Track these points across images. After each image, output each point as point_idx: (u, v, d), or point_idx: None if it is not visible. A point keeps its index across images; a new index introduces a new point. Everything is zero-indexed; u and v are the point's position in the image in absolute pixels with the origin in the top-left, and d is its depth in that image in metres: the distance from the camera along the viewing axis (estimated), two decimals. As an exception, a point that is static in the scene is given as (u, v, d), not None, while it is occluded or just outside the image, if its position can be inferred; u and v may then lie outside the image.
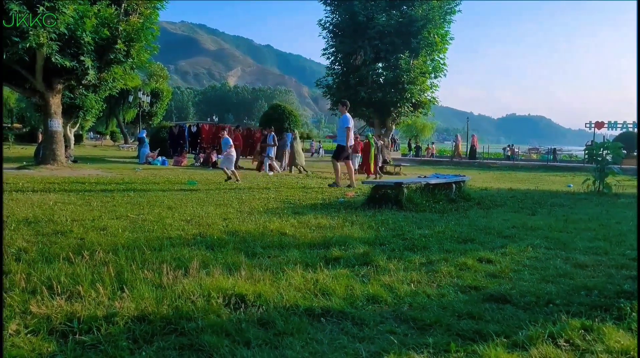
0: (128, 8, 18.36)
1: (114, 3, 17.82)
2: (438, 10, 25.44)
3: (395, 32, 25.29)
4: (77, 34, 16.32)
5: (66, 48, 16.59)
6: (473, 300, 3.90)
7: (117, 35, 17.62)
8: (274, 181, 15.22)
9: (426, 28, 25.35)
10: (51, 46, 15.73)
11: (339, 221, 7.48)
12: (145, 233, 6.08)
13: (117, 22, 17.47)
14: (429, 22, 25.30)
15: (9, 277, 3.98)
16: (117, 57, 18.19)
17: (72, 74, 17.69)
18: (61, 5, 15.49)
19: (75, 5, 15.88)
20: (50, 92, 18.15)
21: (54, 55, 16.06)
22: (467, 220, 7.96)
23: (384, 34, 25.28)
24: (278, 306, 3.56)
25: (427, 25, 25.30)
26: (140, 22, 18.36)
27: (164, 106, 55.93)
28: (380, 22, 25.00)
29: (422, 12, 25.24)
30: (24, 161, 19.65)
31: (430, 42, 25.74)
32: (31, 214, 7.19)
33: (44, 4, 15.17)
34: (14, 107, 66.32)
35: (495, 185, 16.25)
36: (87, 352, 2.79)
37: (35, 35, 14.98)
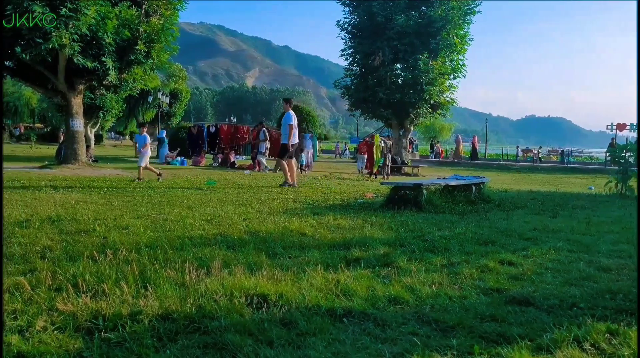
0: (149, 9, 18.51)
1: (135, 4, 18.00)
2: (457, 10, 25.24)
3: (414, 32, 25.15)
4: (99, 35, 16.51)
5: (88, 49, 16.80)
6: (495, 302, 3.86)
7: (138, 36, 17.78)
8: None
9: (445, 29, 25.17)
10: (73, 47, 15.93)
11: (359, 222, 7.47)
12: (166, 232, 6.13)
13: (138, 23, 17.62)
14: (448, 23, 25.11)
15: (35, 274, 4.05)
16: (137, 57, 18.35)
17: (93, 74, 17.90)
18: (83, 6, 15.70)
19: (97, 6, 16.08)
20: (72, 93, 18.38)
21: (76, 56, 16.26)
22: (488, 222, 7.90)
23: (403, 34, 25.15)
24: (300, 306, 3.57)
25: (446, 26, 25.12)
26: (161, 23, 18.50)
27: (183, 107, 56.31)
28: (399, 22, 24.86)
29: (441, 12, 25.08)
30: (45, 161, 19.93)
31: (450, 43, 25.55)
32: (54, 213, 7.29)
33: (67, 5, 15.38)
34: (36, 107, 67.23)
35: (515, 187, 16.11)
36: (112, 349, 2.82)
37: (58, 36, 15.19)
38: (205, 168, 22.76)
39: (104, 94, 25.99)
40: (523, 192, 13.95)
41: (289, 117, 13.17)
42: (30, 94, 63.19)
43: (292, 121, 13.14)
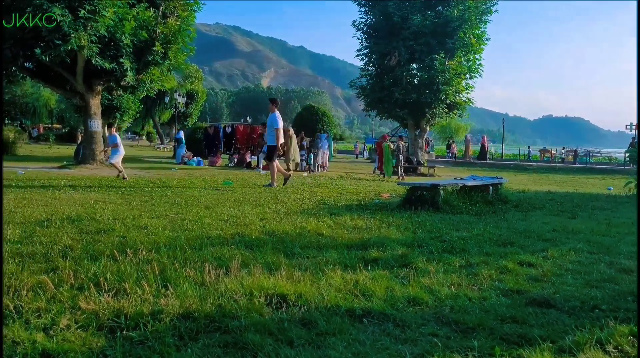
0: (166, 10, 18.67)
1: (152, 6, 18.16)
2: (474, 10, 25.06)
3: (431, 32, 25.03)
4: (117, 36, 16.68)
5: (106, 50, 16.98)
6: (516, 303, 3.84)
7: (155, 37, 17.93)
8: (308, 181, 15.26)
9: (462, 28, 25.01)
10: (92, 48, 16.11)
11: (376, 222, 7.46)
12: (184, 232, 6.18)
13: (155, 25, 17.78)
14: (464, 23, 24.95)
15: (57, 273, 4.10)
16: (154, 58, 18.51)
17: (111, 75, 18.08)
18: (101, 8, 15.86)
19: (115, 8, 16.24)
20: (91, 94, 18.58)
21: (94, 57, 16.44)
22: (506, 223, 7.85)
23: (419, 34, 25.05)
24: (319, 306, 3.57)
25: (462, 25, 24.96)
26: (178, 24, 18.65)
27: (199, 107, 56.64)
28: (416, 22, 24.76)
29: (457, 12, 24.93)
30: (64, 161, 20.16)
31: (466, 43, 25.38)
32: (74, 212, 7.37)
33: (85, 7, 15.55)
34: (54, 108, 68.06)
35: (533, 187, 15.98)
36: (135, 347, 2.84)
37: (77, 37, 15.37)
38: (222, 168, 22.87)
39: (121, 95, 26.23)
40: (541, 193, 13.83)
41: (274, 119, 12.96)
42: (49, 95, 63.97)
43: (278, 124, 12.91)
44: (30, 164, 18.68)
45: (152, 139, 66.83)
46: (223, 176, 16.07)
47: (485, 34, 26.46)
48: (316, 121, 40.77)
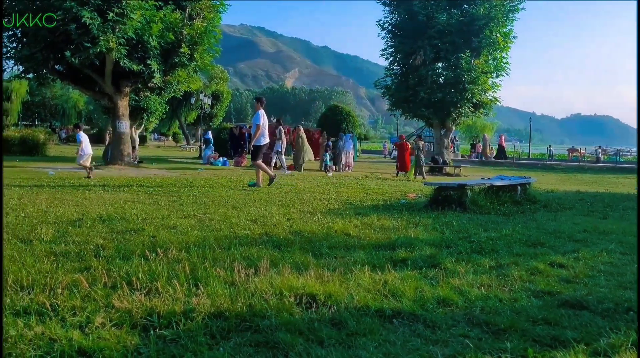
0: (192, 12, 18.87)
1: (179, 8, 18.38)
2: (501, 8, 24.80)
3: (456, 31, 24.84)
4: (144, 38, 16.93)
5: (134, 52, 17.25)
6: (547, 305, 3.79)
7: (182, 39, 18.15)
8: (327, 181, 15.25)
9: (488, 27, 24.77)
10: (120, 50, 16.38)
11: (403, 222, 7.43)
12: (213, 231, 6.23)
13: (182, 27, 17.99)
14: (491, 21, 24.70)
15: (91, 272, 4.17)
16: (181, 60, 18.74)
17: (139, 77, 18.36)
18: (129, 11, 16.12)
19: (142, 10, 16.48)
20: (119, 95, 18.87)
21: (123, 59, 16.71)
22: (535, 223, 7.75)
23: (444, 33, 24.88)
24: (349, 306, 3.58)
25: (489, 23, 24.72)
26: (204, 25, 18.84)
27: (224, 108, 57.11)
28: (441, 21, 24.60)
29: (484, 10, 24.69)
30: (93, 161, 20.47)
31: (493, 41, 25.12)
32: (104, 212, 7.49)
33: (113, 10, 15.81)
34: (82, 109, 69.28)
35: (562, 187, 15.74)
36: (168, 346, 2.88)
37: (105, 40, 15.64)
38: (247, 168, 22.98)
39: (148, 96, 26.59)
40: (570, 193, 13.62)
41: (257, 117, 12.85)
42: (78, 97, 65.16)
43: (260, 121, 12.75)
44: (60, 164, 19.03)
45: (178, 140, 67.56)
46: (249, 177, 16.15)
47: (512, 32, 26.18)
48: (341, 121, 40.77)
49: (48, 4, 15.57)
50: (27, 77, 19.51)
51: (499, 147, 41.59)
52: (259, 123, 12.70)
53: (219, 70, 56.59)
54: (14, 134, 27.45)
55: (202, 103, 35.90)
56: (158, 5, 17.34)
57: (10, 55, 17.53)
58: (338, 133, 26.76)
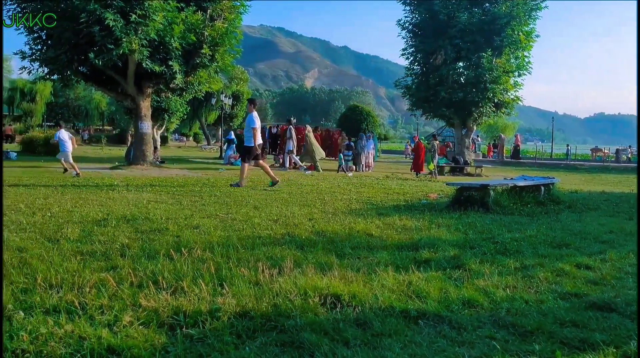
0: (213, 13, 18.99)
1: (200, 9, 18.50)
2: (523, 6, 24.50)
3: (478, 30, 24.61)
4: (166, 39, 17.09)
5: (156, 53, 17.42)
6: (575, 307, 3.75)
7: (203, 40, 18.27)
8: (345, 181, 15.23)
9: (510, 25, 24.48)
10: (142, 52, 16.55)
11: (425, 223, 7.39)
12: (236, 231, 6.26)
13: (203, 28, 18.11)
14: (513, 19, 24.41)
15: (117, 271, 4.23)
16: (202, 61, 18.88)
17: (161, 78, 18.53)
18: (151, 12, 16.27)
19: (165, 12, 16.62)
20: (141, 96, 19.06)
21: (145, 60, 16.88)
22: (560, 224, 7.66)
23: (466, 32, 24.65)
24: (373, 307, 3.57)
25: (511, 22, 24.43)
26: (225, 26, 18.95)
27: (244, 108, 57.34)
28: (462, 20, 24.39)
29: (505, 9, 24.42)
30: (116, 162, 20.76)
31: (515, 40, 24.81)
32: (128, 212, 7.58)
33: (136, 12, 15.99)
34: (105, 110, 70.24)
35: (586, 188, 15.52)
36: (195, 345, 2.91)
37: (128, 42, 15.82)
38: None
39: (170, 97, 26.82)
40: (594, 193, 13.42)
41: (251, 119, 12.80)
42: (100, 98, 66.06)
43: (255, 124, 12.69)
44: (84, 164, 19.29)
45: (198, 140, 68.05)
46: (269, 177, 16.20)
47: (535, 31, 25.81)
48: (360, 121, 40.73)
49: (72, 7, 15.79)
50: (51, 78, 19.80)
51: (514, 147, 41.27)
52: (254, 126, 12.65)
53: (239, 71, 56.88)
54: (38, 135, 27.93)
55: (223, 104, 36.08)
56: (180, 7, 17.48)
57: (35, 57, 17.80)
58: (358, 133, 26.75)
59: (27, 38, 17.73)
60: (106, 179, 13.34)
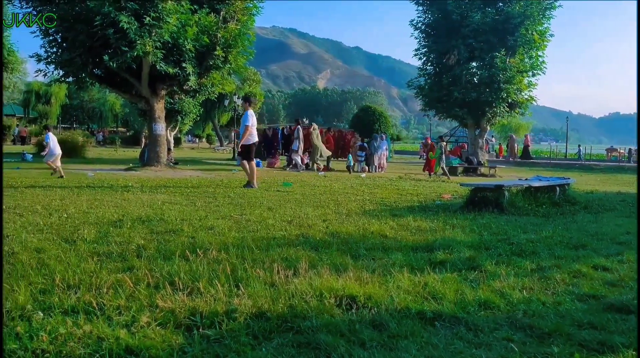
0: (226, 15, 19.07)
1: (213, 11, 18.59)
2: (537, 6, 24.33)
3: (491, 30, 24.48)
4: (180, 42, 17.18)
5: (169, 56, 17.51)
6: (593, 309, 3.72)
7: (216, 42, 18.35)
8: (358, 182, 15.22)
9: (524, 25, 24.32)
10: (156, 54, 16.66)
11: (439, 224, 7.37)
12: (250, 232, 6.28)
13: (216, 30, 18.19)
14: (526, 19, 24.25)
15: (134, 272, 4.25)
16: (215, 63, 18.96)
17: (174, 80, 18.64)
18: (165, 15, 16.38)
19: (178, 14, 16.72)
20: (155, 98, 19.18)
21: (159, 62, 16.99)
22: (576, 225, 7.60)
23: (479, 32, 24.53)
24: (389, 308, 3.56)
25: (524, 22, 24.26)
26: (238, 28, 19.02)
27: (257, 109, 57.49)
28: (475, 20, 24.27)
29: (519, 8, 24.25)
30: (130, 163, 20.90)
31: (529, 40, 24.64)
32: (143, 213, 7.63)
33: (150, 14, 16.09)
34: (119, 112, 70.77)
35: (601, 188, 15.38)
36: (212, 345, 2.92)
37: (142, 44, 15.92)
38: (280, 169, 23.10)
39: (183, 99, 26.95)
40: (611, 193, 13.30)
41: (245, 117, 12.80)
42: (114, 100, 66.60)
43: (249, 121, 12.65)
44: (99, 166, 19.47)
45: (211, 141, 68.28)
46: (282, 178, 16.25)
47: (549, 30, 25.61)
48: (373, 121, 40.68)
49: (87, 10, 15.93)
50: (66, 81, 19.98)
51: (524, 147, 41.05)
52: (248, 124, 12.64)
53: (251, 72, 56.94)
54: (54, 137, 28.13)
55: (235, 105, 36.21)
56: (193, 9, 17.57)
57: (50, 60, 17.98)
58: (371, 134, 26.71)
59: (42, 41, 17.95)
60: (121, 180, 13.43)
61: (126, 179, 13.69)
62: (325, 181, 15.21)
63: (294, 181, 14.63)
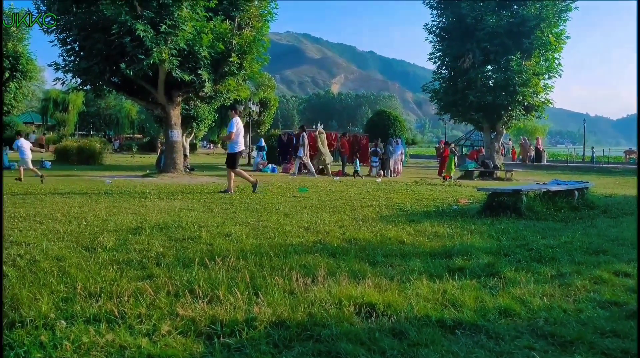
0: (241, 22, 19.18)
1: (228, 18, 18.71)
2: (552, 8, 24.11)
3: (506, 32, 24.31)
4: (195, 49, 17.31)
5: (185, 63, 17.65)
6: (615, 316, 3.67)
7: (231, 48, 18.47)
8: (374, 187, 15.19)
9: (539, 27, 24.12)
10: (172, 61, 16.80)
11: (457, 229, 7.33)
12: (267, 239, 6.30)
13: (231, 36, 18.31)
14: (542, 21, 24.05)
15: (153, 280, 4.29)
16: (231, 69, 19.08)
17: (190, 87, 18.77)
18: (181, 22, 16.52)
19: (193, 22, 16.86)
20: (171, 105, 19.33)
21: (175, 70, 17.14)
22: (595, 230, 7.51)
23: (494, 35, 24.38)
24: (409, 316, 3.55)
25: (540, 24, 24.06)
26: (252, 35, 19.12)
27: (272, 115, 57.65)
28: (490, 23, 24.13)
29: (534, 10, 24.06)
30: (147, 170, 21.06)
31: (544, 42, 24.43)
32: (161, 220, 7.69)
33: (166, 22, 16.24)
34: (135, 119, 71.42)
35: (620, 191, 15.18)
36: (232, 354, 2.94)
37: (158, 52, 16.07)
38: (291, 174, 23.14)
39: (198, 105, 27.14)
40: (630, 197, 13.11)
41: (231, 124, 12.91)
42: (130, 106, 67.22)
43: (234, 128, 12.75)
44: (116, 173, 19.65)
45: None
46: (298, 183, 16.27)
47: (565, 32, 25.39)
48: (388, 126, 40.61)
49: (104, 19, 16.12)
50: (84, 89, 20.21)
51: (536, 150, 40.72)
52: (233, 131, 12.79)
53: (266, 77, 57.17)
54: (72, 145, 28.53)
55: (250, 111, 36.37)
56: (208, 16, 17.70)
57: (68, 68, 18.23)
58: (387, 138, 26.67)
59: (60, 50, 18.21)
60: (138, 187, 13.55)
61: (143, 186, 13.80)
62: (341, 186, 15.20)
63: (309, 187, 14.65)
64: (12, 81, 31.58)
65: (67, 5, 17.22)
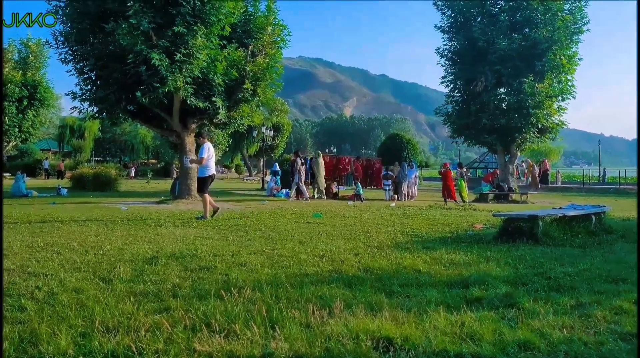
0: (254, 49, 19.43)
1: (242, 45, 18.98)
2: (564, 30, 24.19)
3: (518, 55, 24.38)
4: (209, 76, 17.55)
5: (200, 90, 17.88)
6: (636, 349, 3.60)
7: (245, 75, 18.69)
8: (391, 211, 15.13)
9: (551, 50, 24.17)
10: (187, 89, 17.03)
11: (473, 256, 7.28)
12: (283, 268, 6.30)
13: (245, 64, 18.55)
14: (554, 44, 24.10)
15: (170, 313, 4.29)
16: (244, 96, 19.30)
17: (205, 114, 18.98)
18: (195, 51, 16.78)
19: (208, 50, 17.11)
20: (186, 132, 19.52)
21: (189, 97, 17.35)
22: (614, 256, 7.42)
23: (506, 58, 24.46)
24: (427, 350, 3.52)
25: (552, 47, 24.12)
26: (266, 62, 19.36)
27: (285, 139, 58.10)
28: (502, 46, 24.23)
29: (546, 33, 24.13)
30: (162, 196, 21.20)
31: (557, 64, 24.46)
32: (177, 249, 7.72)
33: (181, 51, 16.50)
34: (150, 144, 72.22)
35: (638, 214, 14.98)
36: (250, 392, 2.92)
37: (173, 80, 16.31)
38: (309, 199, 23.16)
39: (212, 131, 27.40)
40: (648, 220, 12.94)
41: (201, 150, 13.03)
42: (145, 132, 68.07)
43: (204, 154, 12.90)
44: (131, 199, 19.78)
45: (240, 172, 68.99)
46: (312, 208, 16.28)
47: (577, 54, 25.41)
48: (401, 149, 40.67)
49: (120, 48, 16.43)
50: (101, 117, 20.50)
51: (543, 172, 40.40)
52: (204, 156, 12.94)
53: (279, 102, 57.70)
54: (88, 171, 28.83)
55: (264, 135, 36.61)
56: (222, 44, 17.96)
57: (85, 97, 18.55)
58: (400, 162, 26.67)
59: (77, 79, 18.55)
60: (154, 214, 13.63)
61: (159, 213, 13.88)
62: (355, 212, 15.19)
63: (323, 212, 14.65)
64: (30, 109, 32.21)
65: (85, 36, 17.59)
